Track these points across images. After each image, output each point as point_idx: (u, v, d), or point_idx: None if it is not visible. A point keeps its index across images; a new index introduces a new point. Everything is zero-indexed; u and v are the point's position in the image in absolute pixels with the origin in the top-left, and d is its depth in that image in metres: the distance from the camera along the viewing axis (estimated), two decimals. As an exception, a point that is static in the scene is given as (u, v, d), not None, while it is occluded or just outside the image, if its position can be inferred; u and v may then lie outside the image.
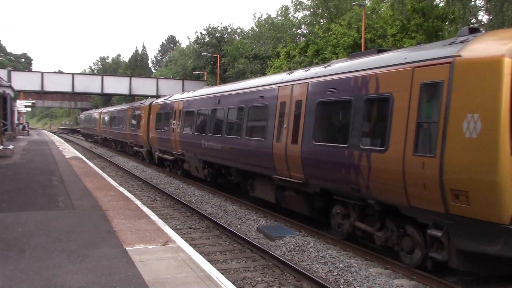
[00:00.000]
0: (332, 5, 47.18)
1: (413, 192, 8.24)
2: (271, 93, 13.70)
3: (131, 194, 14.75)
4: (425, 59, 8.37)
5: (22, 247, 7.95)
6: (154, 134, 25.88)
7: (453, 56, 7.70)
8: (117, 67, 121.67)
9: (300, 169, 11.84)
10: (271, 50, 51.94)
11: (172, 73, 79.14)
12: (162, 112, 25.26)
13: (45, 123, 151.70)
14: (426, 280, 8.45)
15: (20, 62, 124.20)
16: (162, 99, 26.74)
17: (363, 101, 9.73)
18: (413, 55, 8.92)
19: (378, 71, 9.48)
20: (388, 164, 8.78)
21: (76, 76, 55.30)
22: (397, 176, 8.54)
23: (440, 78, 7.80)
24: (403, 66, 8.82)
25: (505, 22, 23.57)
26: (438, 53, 8.26)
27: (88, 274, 6.62)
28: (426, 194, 7.93)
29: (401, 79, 8.73)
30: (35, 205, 11.81)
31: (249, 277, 8.77)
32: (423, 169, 7.92)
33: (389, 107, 8.88)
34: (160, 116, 25.37)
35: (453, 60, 7.67)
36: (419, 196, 8.15)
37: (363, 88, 9.78)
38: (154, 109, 26.92)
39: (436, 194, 7.74)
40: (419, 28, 31.37)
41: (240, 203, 16.07)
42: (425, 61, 8.33)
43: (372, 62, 10.05)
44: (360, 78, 9.91)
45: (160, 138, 24.95)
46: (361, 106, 9.77)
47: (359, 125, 9.85)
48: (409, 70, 8.57)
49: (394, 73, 9.03)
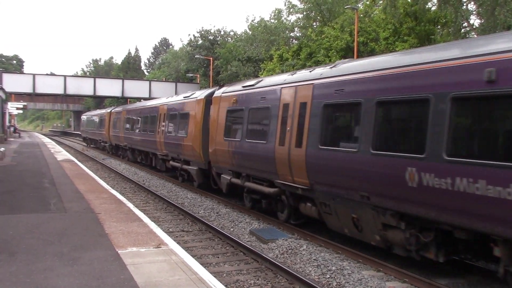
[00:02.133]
0: (325, 8, 47.31)
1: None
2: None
3: (123, 196, 14.70)
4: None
5: (13, 250, 7.89)
6: (223, 146, 15.80)
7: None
8: (109, 69, 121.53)
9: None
10: (264, 53, 52.01)
11: (165, 75, 79.01)
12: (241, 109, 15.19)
13: (36, 125, 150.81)
14: (418, 282, 8.47)
15: (11, 64, 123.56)
16: (237, 85, 16.45)
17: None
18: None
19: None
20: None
21: (68, 78, 54.98)
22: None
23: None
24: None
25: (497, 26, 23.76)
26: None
27: (79, 277, 6.58)
28: None
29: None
30: (26, 207, 11.73)
31: (241, 280, 8.75)
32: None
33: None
34: (237, 113, 15.49)
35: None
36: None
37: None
38: (222, 104, 16.54)
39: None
40: (412, 32, 31.56)
41: (233, 206, 16.04)
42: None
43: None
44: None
45: (242, 154, 14.60)
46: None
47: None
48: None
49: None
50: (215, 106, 17.05)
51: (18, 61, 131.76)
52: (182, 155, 20.45)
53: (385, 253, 9.84)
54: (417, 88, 8.18)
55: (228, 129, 15.76)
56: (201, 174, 18.96)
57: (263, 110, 13.64)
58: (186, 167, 20.22)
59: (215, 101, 17.18)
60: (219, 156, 16.24)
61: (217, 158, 16.51)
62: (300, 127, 11.54)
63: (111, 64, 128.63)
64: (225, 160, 15.77)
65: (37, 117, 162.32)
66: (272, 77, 15.03)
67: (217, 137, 16.32)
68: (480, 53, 7.22)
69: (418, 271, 8.98)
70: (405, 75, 8.54)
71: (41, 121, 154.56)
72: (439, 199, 7.55)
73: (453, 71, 7.53)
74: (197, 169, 19.00)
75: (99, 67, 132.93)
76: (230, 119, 15.85)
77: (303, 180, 11.31)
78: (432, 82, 7.88)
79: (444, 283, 8.49)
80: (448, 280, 8.66)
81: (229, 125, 15.82)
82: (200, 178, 19.09)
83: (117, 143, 36.53)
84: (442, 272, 9.02)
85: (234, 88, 16.29)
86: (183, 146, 20.02)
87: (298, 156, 11.36)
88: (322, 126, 10.76)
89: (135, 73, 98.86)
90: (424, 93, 7.97)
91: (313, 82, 11.39)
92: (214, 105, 17.25)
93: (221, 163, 16.26)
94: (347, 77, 10.26)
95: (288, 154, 11.81)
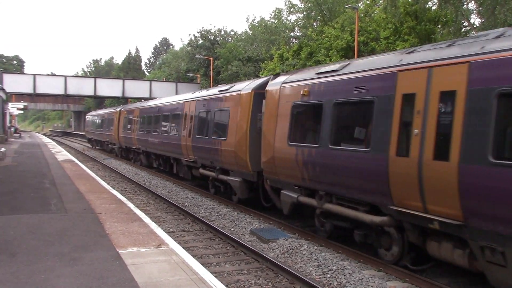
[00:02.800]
0: (326, 8, 47.37)
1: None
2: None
3: (124, 197, 14.70)
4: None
5: (14, 251, 7.89)
6: (287, 154, 12.23)
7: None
8: (110, 69, 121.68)
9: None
10: (265, 53, 52.06)
11: (165, 75, 79.08)
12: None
13: (37, 126, 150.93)
14: (419, 282, 8.47)
15: (12, 64, 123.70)
16: (305, 72, 12.81)
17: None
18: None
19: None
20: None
21: (68, 79, 55.07)
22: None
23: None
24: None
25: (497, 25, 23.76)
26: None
27: (80, 278, 6.58)
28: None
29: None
30: (27, 208, 11.73)
31: (242, 280, 8.75)
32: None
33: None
34: (312, 109, 12.02)
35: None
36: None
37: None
38: (283, 98, 12.87)
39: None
40: (412, 31, 31.55)
41: (233, 206, 16.03)
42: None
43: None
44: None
45: (322, 164, 11.01)
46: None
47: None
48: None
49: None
50: (271, 100, 13.30)
51: (19, 62, 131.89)
52: (219, 163, 16.42)
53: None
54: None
55: (296, 131, 12.19)
56: (246, 188, 15.07)
57: (360, 105, 10.11)
58: (224, 177, 16.18)
59: (271, 94, 13.37)
60: (280, 166, 12.61)
61: (275, 169, 12.86)
62: (442, 129, 7.97)
63: (112, 64, 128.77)
64: (290, 172, 12.14)
65: (37, 118, 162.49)
66: (370, 58, 11.13)
67: (276, 142, 12.72)
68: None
69: (419, 271, 8.97)
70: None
71: (41, 121, 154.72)
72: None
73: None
74: (240, 181, 15.04)
75: (99, 67, 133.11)
76: (299, 118, 12.25)
77: (448, 210, 7.80)
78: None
79: (445, 282, 8.49)
80: (448, 280, 8.66)
81: (297, 126, 12.24)
82: (244, 192, 15.15)
83: (128, 145, 32.21)
84: (443, 272, 9.02)
85: (301, 76, 12.52)
86: (221, 151, 16.00)
87: (441, 174, 7.84)
88: (496, 127, 7.11)
89: (135, 73, 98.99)
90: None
91: (469, 60, 7.63)
92: (269, 99, 13.50)
93: (282, 176, 12.65)
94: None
95: (419, 170, 8.25)
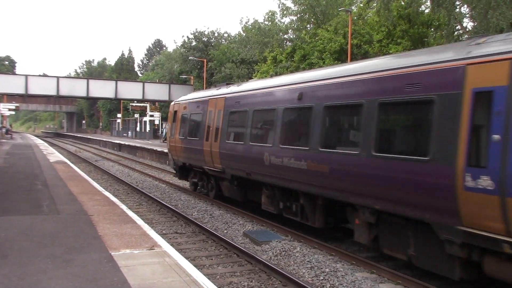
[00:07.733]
0: (319, 10, 47.41)
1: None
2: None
3: (117, 198, 14.64)
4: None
5: (5, 252, 7.83)
6: None
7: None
8: (102, 70, 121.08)
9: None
10: (258, 55, 52.06)
11: (158, 77, 78.78)
12: None
13: (29, 127, 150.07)
14: (411, 284, 8.51)
15: (3, 65, 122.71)
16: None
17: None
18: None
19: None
20: None
21: (61, 80, 54.67)
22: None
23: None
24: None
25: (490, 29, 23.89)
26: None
27: (73, 280, 6.54)
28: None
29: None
30: (19, 209, 11.65)
31: (235, 282, 8.75)
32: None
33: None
34: None
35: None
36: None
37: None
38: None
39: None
40: (405, 34, 31.70)
41: (227, 208, 16.03)
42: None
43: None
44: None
45: None
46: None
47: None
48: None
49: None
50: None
51: (10, 62, 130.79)
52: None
53: (379, 255, 9.86)
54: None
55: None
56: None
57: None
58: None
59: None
60: None
61: None
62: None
63: (104, 66, 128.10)
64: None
65: (29, 118, 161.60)
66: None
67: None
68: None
69: (411, 273, 9.02)
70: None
71: (33, 122, 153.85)
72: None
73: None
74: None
75: (92, 68, 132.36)
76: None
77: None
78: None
79: (437, 284, 8.54)
80: (441, 282, 8.70)
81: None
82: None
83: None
84: (435, 274, 9.05)
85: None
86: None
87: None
88: None
89: (128, 74, 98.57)
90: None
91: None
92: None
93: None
94: None
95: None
